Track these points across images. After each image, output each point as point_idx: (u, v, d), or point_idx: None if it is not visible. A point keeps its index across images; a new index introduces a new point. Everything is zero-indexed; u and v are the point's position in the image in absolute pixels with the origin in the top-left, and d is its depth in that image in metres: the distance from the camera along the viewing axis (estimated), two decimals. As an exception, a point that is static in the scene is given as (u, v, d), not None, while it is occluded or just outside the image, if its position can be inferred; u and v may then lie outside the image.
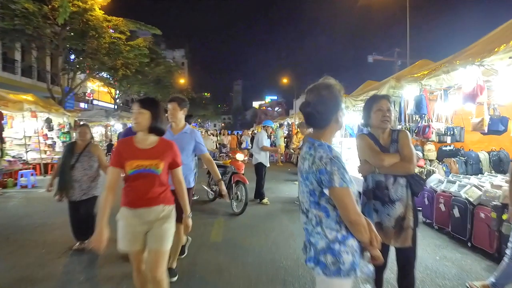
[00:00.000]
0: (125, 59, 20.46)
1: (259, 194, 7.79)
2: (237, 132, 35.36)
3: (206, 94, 69.21)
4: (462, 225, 4.96)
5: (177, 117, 3.70)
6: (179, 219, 2.84)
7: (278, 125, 17.52)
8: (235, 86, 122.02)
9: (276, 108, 69.31)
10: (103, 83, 27.59)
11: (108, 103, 33.10)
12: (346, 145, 9.86)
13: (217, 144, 15.71)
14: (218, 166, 7.60)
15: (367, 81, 13.22)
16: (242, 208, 6.49)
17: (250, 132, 15.42)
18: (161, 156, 2.63)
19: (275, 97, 78.60)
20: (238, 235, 5.47)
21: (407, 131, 2.96)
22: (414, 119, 7.23)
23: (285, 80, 45.70)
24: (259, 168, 7.86)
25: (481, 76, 4.76)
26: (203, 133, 24.08)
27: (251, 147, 15.03)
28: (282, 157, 16.76)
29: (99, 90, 32.98)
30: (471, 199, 4.89)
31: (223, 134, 15.09)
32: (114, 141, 18.56)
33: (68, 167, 4.43)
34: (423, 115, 6.53)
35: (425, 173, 6.87)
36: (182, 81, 42.14)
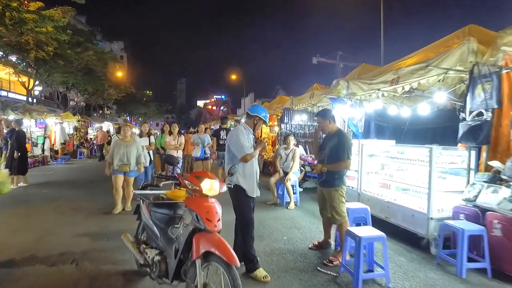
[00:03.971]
0: (33, 33, 14.68)
1: (245, 257, 3.56)
2: (183, 132, 29.64)
3: (148, 92, 62.29)
4: None
5: None
6: None
7: (234, 121, 13.25)
8: (179, 84, 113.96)
9: (222, 108, 64.75)
10: (12, 69, 20.78)
11: (24, 95, 25.84)
12: (367, 151, 6.03)
13: (157, 152, 8.67)
14: (158, 205, 3.24)
15: (362, 64, 9.70)
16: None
17: (203, 129, 8.72)
18: None
19: (222, 96, 73.77)
20: None
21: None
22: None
23: (233, 78, 41.59)
24: (242, 202, 3.62)
25: None
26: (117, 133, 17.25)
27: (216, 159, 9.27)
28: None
29: (10, 79, 25.72)
30: None
31: (171, 133, 8.06)
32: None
33: None
34: None
35: None
36: (119, 74, 35.69)
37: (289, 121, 10.10)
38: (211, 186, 2.71)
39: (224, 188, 2.86)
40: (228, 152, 3.66)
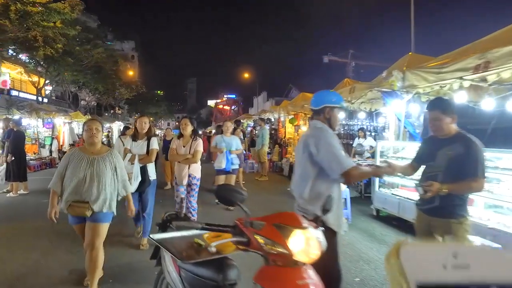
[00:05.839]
0: (40, 27, 13.55)
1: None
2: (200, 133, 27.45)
3: (159, 92, 61.37)
4: None
5: None
6: None
7: (260, 119, 11.71)
8: (189, 84, 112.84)
9: (233, 107, 63.35)
10: (23, 69, 19.88)
11: (39, 96, 24.80)
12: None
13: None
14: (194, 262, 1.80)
15: (409, 54, 8.24)
16: None
17: (230, 129, 6.04)
18: None
19: (233, 96, 72.39)
20: None
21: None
22: None
23: (245, 76, 40.30)
24: (328, 246, 2.21)
25: None
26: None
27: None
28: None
29: (21, 79, 24.88)
30: None
31: (181, 136, 4.66)
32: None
33: None
34: None
35: None
36: (131, 73, 34.69)
37: (321, 120, 8.68)
38: (307, 244, 1.35)
39: (324, 243, 1.50)
40: (312, 164, 2.32)
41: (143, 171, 4.15)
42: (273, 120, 13.39)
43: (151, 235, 1.94)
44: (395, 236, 4.77)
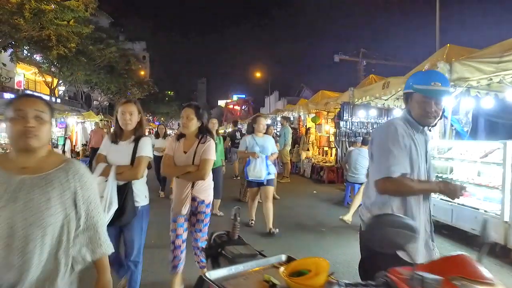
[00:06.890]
0: (54, 25, 13.22)
1: None
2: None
3: (169, 92, 61.30)
4: None
5: None
6: None
7: (282, 118, 11.05)
8: (200, 84, 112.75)
9: (243, 107, 62.86)
10: (37, 69, 19.83)
11: (52, 96, 24.82)
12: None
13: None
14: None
15: (447, 45, 7.60)
16: None
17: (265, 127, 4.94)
18: None
19: (243, 96, 71.97)
20: None
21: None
22: None
23: (257, 76, 39.76)
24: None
25: None
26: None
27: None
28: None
29: (35, 79, 24.93)
30: None
31: (182, 136, 2.97)
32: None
33: None
34: None
35: None
36: (142, 73, 34.53)
37: (349, 118, 8.05)
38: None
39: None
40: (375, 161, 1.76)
41: (124, 192, 2.36)
42: (292, 119, 12.79)
43: (206, 274, 1.37)
44: (453, 249, 4.16)
